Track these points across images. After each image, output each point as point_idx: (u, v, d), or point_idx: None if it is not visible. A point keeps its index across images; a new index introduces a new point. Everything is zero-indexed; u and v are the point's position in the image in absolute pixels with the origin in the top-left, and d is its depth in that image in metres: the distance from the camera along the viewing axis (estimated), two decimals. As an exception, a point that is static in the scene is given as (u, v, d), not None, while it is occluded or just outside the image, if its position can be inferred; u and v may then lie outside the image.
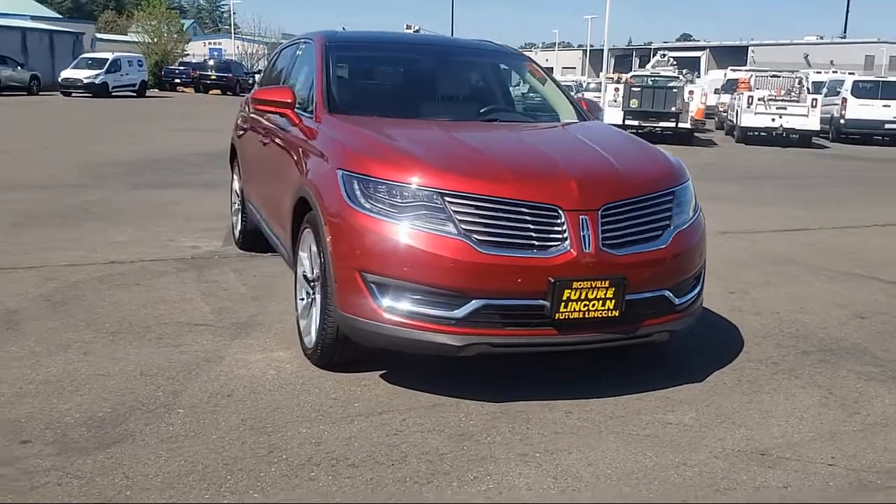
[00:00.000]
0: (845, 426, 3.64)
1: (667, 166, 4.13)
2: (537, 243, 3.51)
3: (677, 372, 4.19)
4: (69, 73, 34.95)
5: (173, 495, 2.83)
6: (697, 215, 4.10)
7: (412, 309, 3.53)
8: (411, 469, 3.08)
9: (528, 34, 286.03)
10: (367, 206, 3.61)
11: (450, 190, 3.54)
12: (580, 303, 3.51)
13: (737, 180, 13.49)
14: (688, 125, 21.43)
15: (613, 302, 3.55)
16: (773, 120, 22.01)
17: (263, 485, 2.92)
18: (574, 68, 74.70)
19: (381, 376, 3.98)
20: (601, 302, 3.54)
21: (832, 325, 5.18)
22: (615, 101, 21.81)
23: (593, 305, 3.53)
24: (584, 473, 3.10)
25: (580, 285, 3.49)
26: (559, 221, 3.53)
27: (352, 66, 5.14)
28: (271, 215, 5.20)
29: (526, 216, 3.53)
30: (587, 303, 3.52)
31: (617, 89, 22.28)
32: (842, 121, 24.52)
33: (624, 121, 20.69)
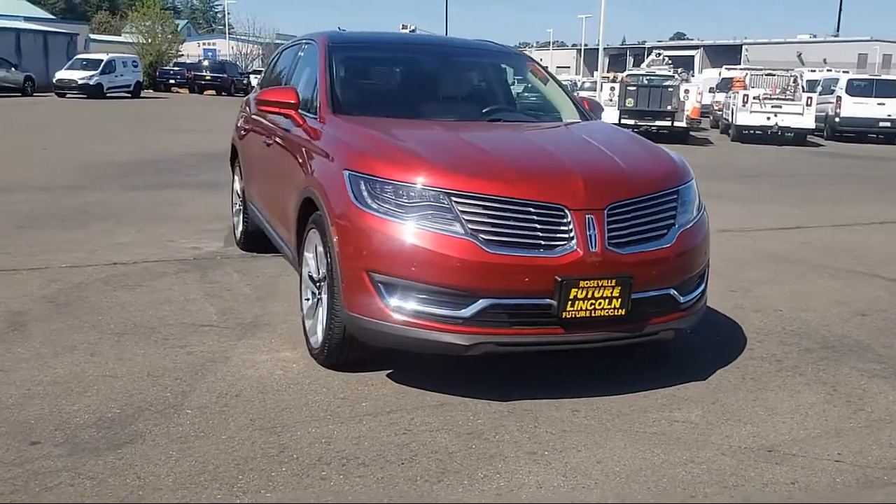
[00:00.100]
0: (850, 423, 3.66)
1: (671, 165, 4.14)
2: (544, 243, 3.53)
3: (682, 370, 4.21)
4: (64, 74, 34.86)
5: (186, 495, 2.84)
6: (701, 214, 4.12)
7: (420, 308, 3.54)
8: (421, 468, 3.09)
9: (522, 33, 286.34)
10: (375, 207, 3.62)
11: (457, 190, 3.55)
12: (587, 301, 3.53)
13: (734, 179, 13.52)
14: (683, 124, 21.48)
15: (620, 301, 3.57)
16: (769, 118, 22.07)
17: (275, 484, 2.93)
18: (568, 67, 74.83)
19: (387, 376, 3.99)
20: (607, 301, 3.56)
21: (834, 322, 5.21)
22: (611, 100, 21.85)
23: (600, 304, 3.55)
24: (594, 471, 3.12)
25: (587, 284, 3.51)
26: (565, 221, 3.55)
27: (355, 67, 5.13)
28: (275, 216, 5.20)
29: (532, 216, 3.54)
30: (594, 302, 3.54)
31: (613, 88, 22.35)
32: (836, 119, 24.60)
33: (620, 120, 20.77)
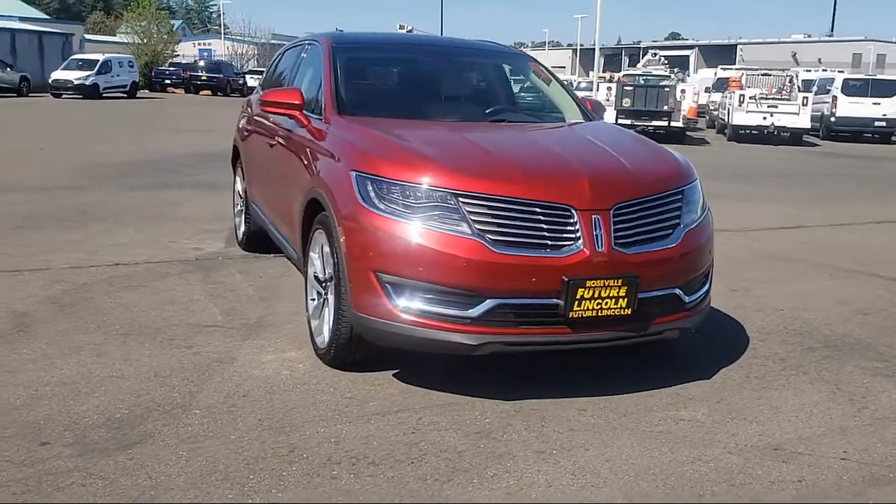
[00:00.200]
0: (855, 421, 3.68)
1: (675, 166, 4.17)
2: (551, 243, 3.55)
3: (686, 369, 4.23)
4: (59, 75, 34.80)
5: (198, 495, 2.85)
6: (705, 214, 4.14)
7: (427, 308, 3.56)
8: (431, 467, 3.11)
9: (518, 33, 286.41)
10: (382, 207, 3.63)
11: (464, 190, 3.57)
12: (593, 301, 3.55)
13: (731, 178, 13.55)
14: (680, 124, 21.54)
15: (626, 300, 3.59)
16: (765, 118, 22.14)
17: (286, 484, 2.94)
18: (564, 67, 74.84)
19: (393, 375, 4.00)
20: (614, 300, 3.58)
21: (835, 321, 5.24)
22: (608, 100, 21.89)
23: (606, 304, 3.57)
24: (602, 470, 3.14)
25: (593, 284, 3.53)
26: (572, 221, 3.57)
27: (359, 68, 5.15)
28: (279, 216, 5.21)
29: (539, 216, 3.56)
30: (600, 301, 3.56)
31: (609, 88, 22.40)
32: (832, 118, 24.69)
33: (617, 119, 20.78)
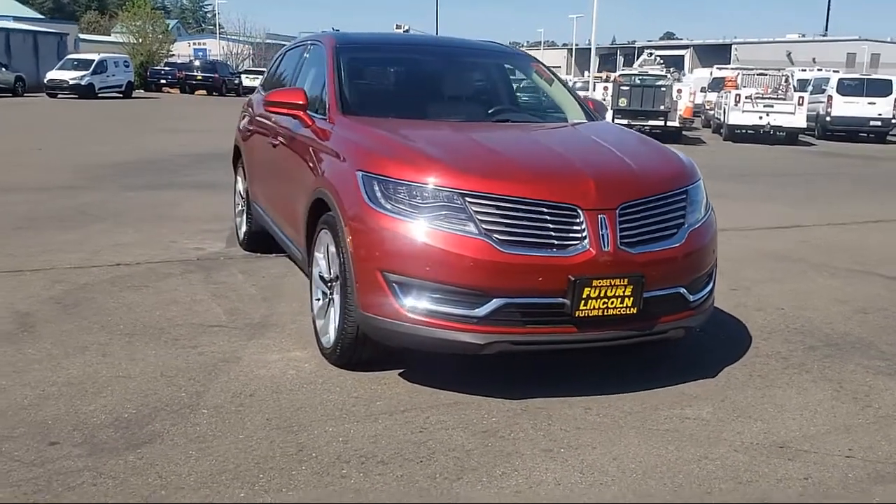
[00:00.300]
0: (859, 419, 3.71)
1: (679, 165, 4.19)
2: (557, 242, 3.57)
3: (690, 368, 4.26)
4: (55, 75, 34.76)
5: (208, 494, 2.86)
6: (709, 213, 4.16)
7: (434, 308, 3.57)
8: (440, 465, 3.12)
9: (513, 33, 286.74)
10: (389, 207, 3.64)
11: (470, 190, 3.58)
12: (599, 300, 3.57)
13: (728, 178, 13.58)
14: (676, 123, 21.58)
15: (632, 299, 3.61)
16: (761, 118, 22.18)
17: (296, 483, 2.95)
18: (559, 67, 74.94)
19: (399, 375, 4.02)
20: (620, 300, 3.60)
21: (836, 320, 5.26)
22: (604, 99, 21.92)
23: (612, 303, 3.59)
24: (610, 468, 3.16)
25: (599, 283, 3.55)
26: (578, 221, 3.58)
27: (363, 68, 5.16)
28: (282, 216, 5.22)
29: (545, 216, 3.58)
30: (606, 300, 3.58)
31: (606, 88, 22.43)
32: (828, 118, 24.75)
33: (613, 119, 20.81)
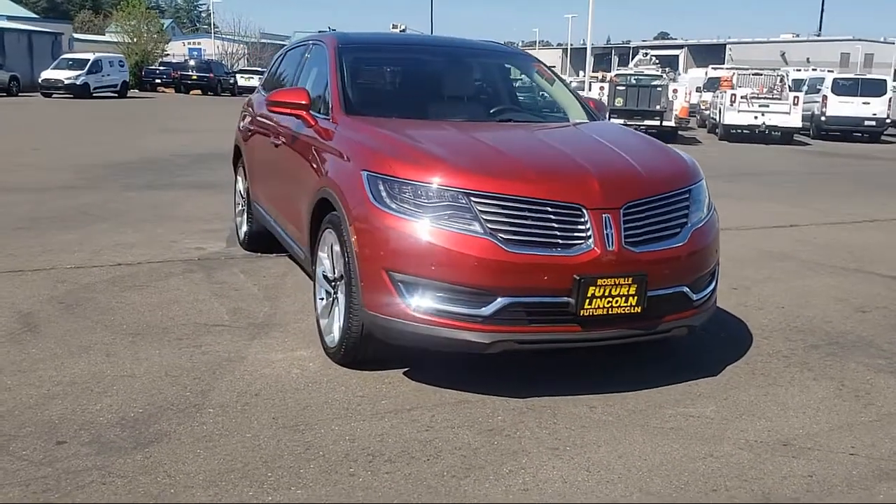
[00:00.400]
0: (861, 417, 3.73)
1: (682, 165, 4.21)
2: (562, 242, 3.58)
3: (692, 366, 4.28)
4: (50, 74, 34.65)
5: (217, 493, 2.87)
6: (712, 213, 4.18)
7: (439, 307, 3.59)
8: (447, 464, 3.14)
9: (508, 33, 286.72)
10: (394, 207, 3.66)
11: (475, 190, 3.60)
12: (604, 299, 3.58)
13: (724, 177, 13.61)
14: (672, 123, 21.62)
15: (636, 298, 3.63)
16: (756, 118, 22.26)
17: (305, 481, 2.97)
18: (554, 67, 74.78)
19: (404, 374, 4.03)
20: (624, 298, 3.61)
21: (836, 318, 5.29)
22: (600, 99, 21.97)
23: (616, 302, 3.61)
24: (616, 466, 3.18)
25: (604, 282, 3.56)
26: (583, 220, 3.60)
27: (365, 68, 5.17)
28: (284, 216, 5.22)
29: (550, 215, 3.59)
30: (611, 299, 3.59)
31: (602, 88, 22.47)
32: (822, 118, 24.86)
33: (609, 119, 20.83)
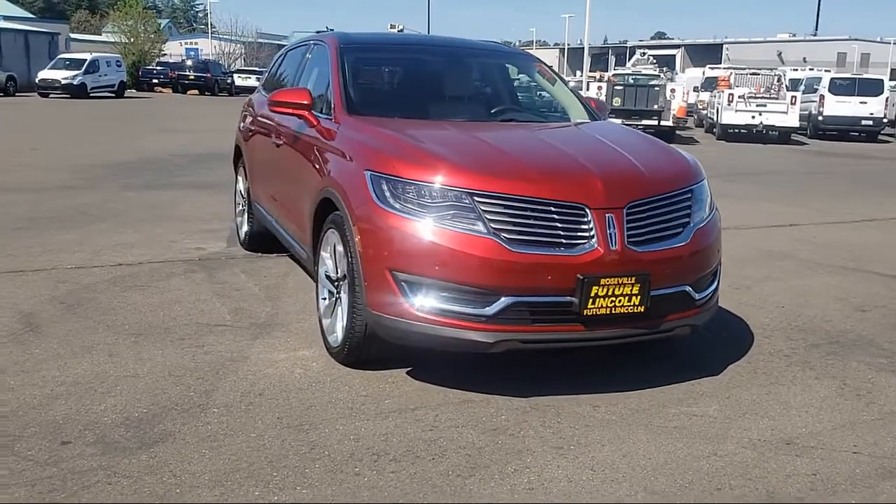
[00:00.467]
0: (863, 415, 3.75)
1: (685, 165, 4.22)
2: (565, 241, 3.59)
3: (694, 366, 4.29)
4: (47, 74, 34.63)
5: (223, 493, 2.87)
6: (714, 213, 4.19)
7: (443, 306, 3.59)
8: (452, 463, 3.14)
9: (505, 32, 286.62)
10: (397, 207, 3.66)
11: (479, 190, 3.61)
12: (607, 299, 3.59)
13: (722, 177, 13.62)
14: (670, 123, 21.65)
15: (639, 298, 3.64)
16: (754, 117, 22.30)
17: (310, 481, 2.97)
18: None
19: (407, 373, 4.04)
20: (627, 298, 3.62)
21: (836, 317, 5.31)
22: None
23: (620, 301, 3.62)
24: (620, 465, 3.18)
25: (608, 282, 3.57)
26: (586, 220, 3.61)
27: (367, 68, 5.17)
28: (286, 216, 5.23)
29: (554, 215, 3.60)
30: (614, 299, 3.60)
31: (600, 88, 22.47)
32: (820, 117, 24.91)
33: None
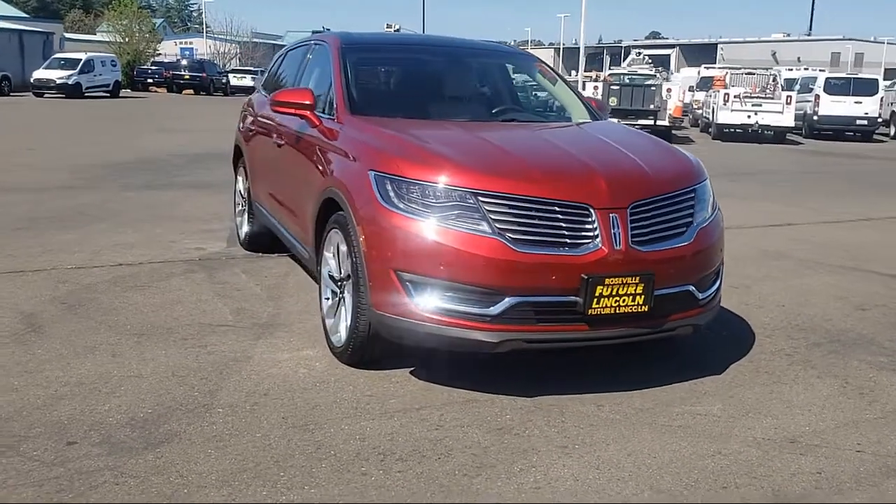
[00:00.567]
0: (866, 414, 3.77)
1: (687, 164, 4.24)
2: (569, 241, 3.60)
3: (697, 365, 4.30)
4: (41, 74, 34.52)
5: (231, 493, 2.87)
6: (716, 212, 4.21)
7: (448, 306, 3.60)
8: (458, 462, 3.15)
9: (500, 32, 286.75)
10: (402, 207, 3.67)
11: (483, 190, 3.61)
12: (611, 298, 3.60)
13: (719, 177, 13.61)
14: (666, 123, 21.69)
15: (643, 297, 3.65)
16: (749, 117, 22.34)
17: (317, 480, 2.97)
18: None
19: (410, 373, 4.04)
20: (631, 297, 3.63)
21: (836, 316, 5.33)
22: (595, 99, 22.00)
23: (624, 301, 3.63)
24: (626, 464, 3.19)
25: (612, 282, 3.58)
26: (590, 220, 3.62)
27: (369, 68, 5.18)
28: (288, 216, 5.22)
29: (558, 215, 3.61)
30: (618, 298, 3.61)
31: (596, 88, 22.50)
32: (815, 117, 24.97)
33: (604, 118, 20.89)
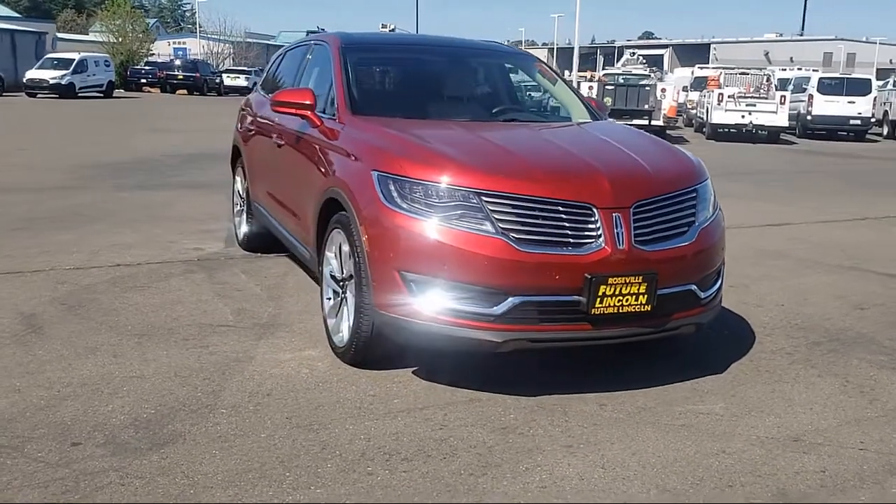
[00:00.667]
0: (868, 412, 3.78)
1: (689, 164, 4.25)
2: (573, 241, 3.61)
3: (699, 364, 4.31)
4: (34, 74, 34.44)
5: (237, 493, 2.87)
6: (717, 212, 4.23)
7: (451, 306, 3.60)
8: (463, 462, 3.15)
9: (494, 32, 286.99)
10: (405, 207, 3.67)
11: (487, 189, 3.61)
12: (615, 298, 3.61)
13: (716, 177, 13.58)
14: (660, 122, 21.75)
15: (646, 297, 3.66)
16: (743, 117, 22.43)
17: (323, 480, 2.97)
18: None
19: (413, 373, 4.04)
20: (634, 297, 3.64)
21: (835, 316, 5.35)
22: (589, 98, 22.04)
23: (627, 300, 3.63)
24: (631, 463, 3.20)
25: (615, 281, 3.59)
26: (593, 219, 3.63)
27: (370, 68, 5.18)
28: (288, 216, 5.22)
29: (561, 214, 3.61)
30: (621, 298, 3.62)
31: (591, 87, 22.54)
32: (808, 117, 25.07)
33: (602, 118, 20.93)
